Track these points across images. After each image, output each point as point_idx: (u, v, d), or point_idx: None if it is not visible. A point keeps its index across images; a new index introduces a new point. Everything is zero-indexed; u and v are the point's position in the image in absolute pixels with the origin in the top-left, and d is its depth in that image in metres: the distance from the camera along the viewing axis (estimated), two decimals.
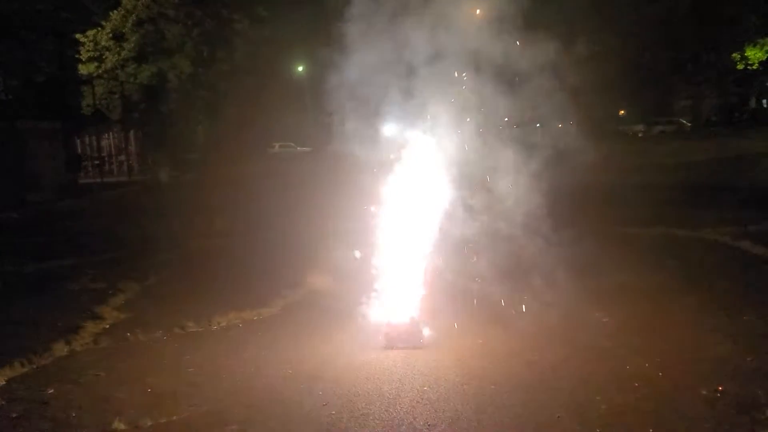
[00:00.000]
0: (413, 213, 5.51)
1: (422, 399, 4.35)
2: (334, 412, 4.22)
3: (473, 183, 5.88)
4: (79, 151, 31.53)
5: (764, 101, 55.26)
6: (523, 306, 6.15)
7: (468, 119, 5.91)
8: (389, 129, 5.60)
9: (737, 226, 9.50)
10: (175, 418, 4.26)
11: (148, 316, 6.67)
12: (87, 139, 33.27)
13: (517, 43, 5.61)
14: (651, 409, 4.06)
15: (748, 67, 45.66)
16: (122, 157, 34.17)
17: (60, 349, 5.71)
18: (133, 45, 32.10)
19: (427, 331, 5.40)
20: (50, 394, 4.77)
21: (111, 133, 34.35)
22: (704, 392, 4.23)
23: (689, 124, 48.84)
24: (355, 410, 4.23)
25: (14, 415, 4.47)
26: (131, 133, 34.37)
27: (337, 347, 5.41)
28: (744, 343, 5.05)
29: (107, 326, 6.41)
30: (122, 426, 4.16)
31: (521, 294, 6.45)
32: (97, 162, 31.27)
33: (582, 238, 9.43)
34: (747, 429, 3.78)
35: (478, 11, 5.59)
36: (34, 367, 5.35)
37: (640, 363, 4.77)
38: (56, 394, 4.76)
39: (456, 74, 5.83)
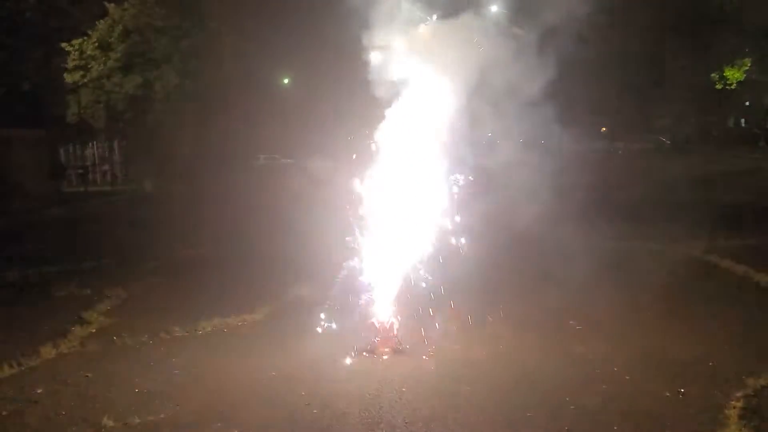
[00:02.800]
0: (397, 221, 5.71)
1: (401, 399, 4.55)
2: (316, 411, 4.40)
3: (455, 197, 6.07)
4: (63, 160, 31.49)
5: (742, 121, 56.36)
6: (501, 314, 6.39)
7: (453, 135, 6.12)
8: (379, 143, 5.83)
9: (708, 241, 9.82)
10: (162, 416, 4.42)
11: (134, 321, 6.80)
12: (71, 148, 33.26)
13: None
14: (617, 409, 4.29)
15: (727, 87, 46.67)
16: (106, 167, 34.18)
17: (48, 351, 5.84)
18: (119, 55, 32.10)
19: (407, 336, 5.59)
20: (39, 394, 4.91)
21: (95, 143, 34.36)
22: (667, 394, 4.47)
23: (668, 142, 49.62)
24: (337, 409, 4.42)
25: (5, 413, 4.60)
26: (115, 142, 34.41)
27: (319, 351, 5.58)
28: (706, 349, 5.32)
29: (94, 330, 6.55)
30: (111, 423, 4.31)
31: (499, 302, 6.70)
32: (80, 171, 31.26)
33: (560, 251, 9.73)
34: (706, 427, 4.01)
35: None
36: (23, 368, 5.48)
37: (609, 367, 5.01)
38: (45, 394, 4.90)
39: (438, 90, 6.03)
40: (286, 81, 40.45)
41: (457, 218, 5.96)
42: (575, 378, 4.83)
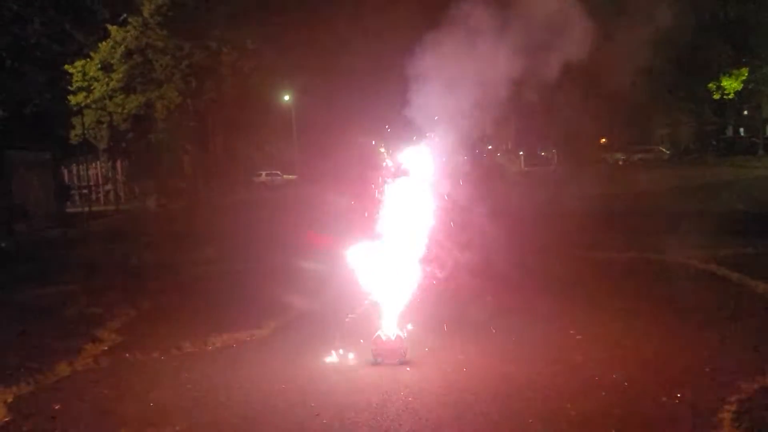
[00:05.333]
0: (399, 235, 5.89)
1: (407, 409, 4.71)
2: (325, 422, 4.56)
3: (454, 208, 6.24)
4: (67, 180, 31.76)
5: (741, 130, 56.64)
6: (503, 324, 6.55)
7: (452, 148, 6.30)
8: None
9: (706, 250, 9.97)
10: (177, 428, 4.57)
11: (145, 338, 6.97)
12: (74, 169, 33.55)
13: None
14: (616, 414, 4.45)
15: (724, 97, 46.96)
16: (109, 186, 34.43)
17: (63, 369, 6.01)
18: (121, 75, 32.49)
19: (411, 348, 5.75)
20: (57, 410, 5.07)
21: (98, 163, 34.65)
22: (665, 399, 4.63)
23: (668, 152, 49.90)
24: (345, 419, 4.58)
25: (25, 429, 4.77)
26: (118, 162, 34.69)
27: (326, 364, 5.76)
28: (703, 355, 5.48)
29: (106, 348, 6.71)
30: None
31: (501, 313, 6.88)
32: (84, 191, 31.51)
33: (560, 262, 9.93)
34: (701, 430, 4.17)
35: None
36: (40, 385, 5.64)
37: (608, 375, 5.17)
38: (63, 410, 5.06)
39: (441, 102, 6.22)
40: (286, 98, 40.83)
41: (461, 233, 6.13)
42: (576, 385, 4.98)
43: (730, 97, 47.04)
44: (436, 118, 6.17)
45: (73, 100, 31.41)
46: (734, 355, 5.46)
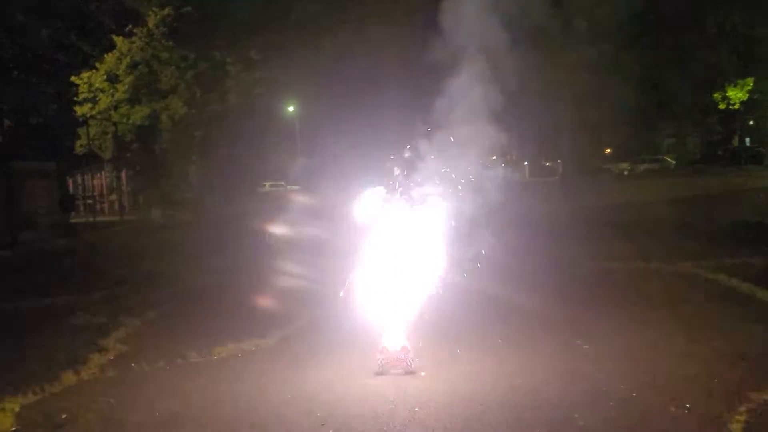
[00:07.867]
0: (406, 244, 5.88)
1: (414, 419, 4.69)
2: (332, 431, 4.54)
3: (462, 219, 6.22)
4: (72, 190, 31.91)
5: (747, 140, 56.58)
6: (510, 335, 6.52)
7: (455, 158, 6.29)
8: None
9: (714, 260, 9.93)
10: None
11: (150, 348, 6.96)
12: (79, 179, 33.70)
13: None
14: (623, 424, 4.42)
15: (730, 107, 46.94)
16: (113, 197, 34.55)
17: (69, 378, 6.01)
18: (126, 87, 32.67)
19: (418, 358, 5.73)
20: (64, 419, 5.06)
21: (103, 173, 34.79)
22: (673, 409, 4.59)
23: (673, 162, 49.84)
24: (352, 429, 4.56)
25: None
26: (123, 172, 34.82)
27: (333, 374, 5.74)
28: (711, 366, 5.44)
29: (112, 357, 6.71)
30: None
31: (507, 323, 6.85)
32: (89, 201, 31.62)
33: (567, 271, 9.90)
34: None
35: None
36: (46, 395, 5.63)
37: (616, 385, 5.13)
38: (70, 419, 5.05)
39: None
40: (291, 108, 40.98)
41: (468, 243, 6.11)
42: (583, 396, 4.95)
43: (736, 107, 47.04)
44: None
45: (78, 110, 31.59)
46: (743, 365, 5.43)
